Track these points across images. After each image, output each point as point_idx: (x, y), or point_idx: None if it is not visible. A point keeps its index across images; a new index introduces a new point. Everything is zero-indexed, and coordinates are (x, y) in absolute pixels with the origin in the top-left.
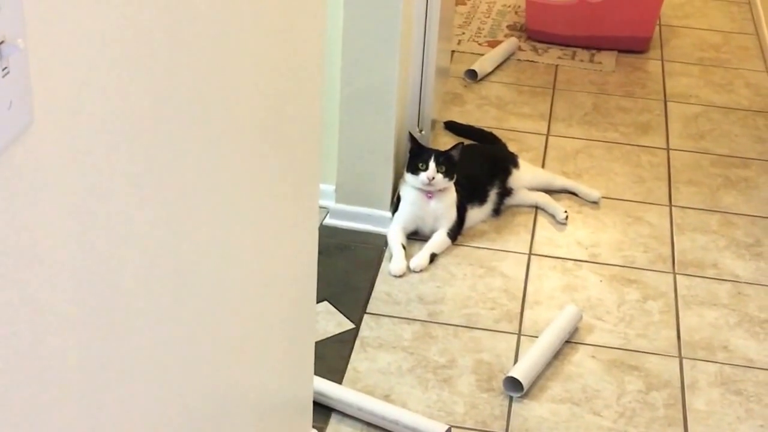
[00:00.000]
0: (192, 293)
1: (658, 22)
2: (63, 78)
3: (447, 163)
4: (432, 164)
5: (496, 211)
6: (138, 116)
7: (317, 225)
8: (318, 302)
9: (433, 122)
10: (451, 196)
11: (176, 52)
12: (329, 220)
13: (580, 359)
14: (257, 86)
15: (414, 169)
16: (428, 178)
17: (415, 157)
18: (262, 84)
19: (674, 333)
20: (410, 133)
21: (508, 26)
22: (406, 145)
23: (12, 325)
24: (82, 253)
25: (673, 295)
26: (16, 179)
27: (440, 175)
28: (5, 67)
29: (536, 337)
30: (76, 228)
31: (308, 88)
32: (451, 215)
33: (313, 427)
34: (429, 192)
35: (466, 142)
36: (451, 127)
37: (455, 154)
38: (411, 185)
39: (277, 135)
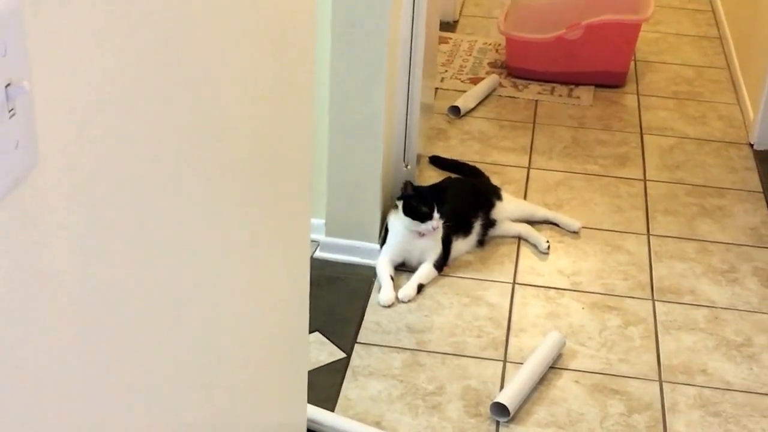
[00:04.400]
0: (188, 325)
1: (633, 58)
2: (66, 119)
3: (442, 207)
4: (436, 214)
5: (481, 242)
6: (136, 155)
7: (308, 258)
8: (310, 333)
9: (419, 157)
10: (439, 232)
11: (172, 92)
12: (319, 253)
13: (564, 384)
14: (250, 125)
15: (416, 216)
16: (433, 228)
17: (418, 204)
18: (254, 122)
19: (654, 357)
20: (410, 183)
21: (489, 63)
22: (394, 180)
23: (17, 361)
24: (84, 289)
25: (652, 320)
26: (22, 217)
27: (441, 221)
28: (12, 109)
29: (521, 363)
30: (78, 264)
31: (298, 126)
32: (437, 247)
33: None
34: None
35: (451, 176)
36: (436, 161)
37: (445, 194)
38: (410, 229)
39: (269, 172)
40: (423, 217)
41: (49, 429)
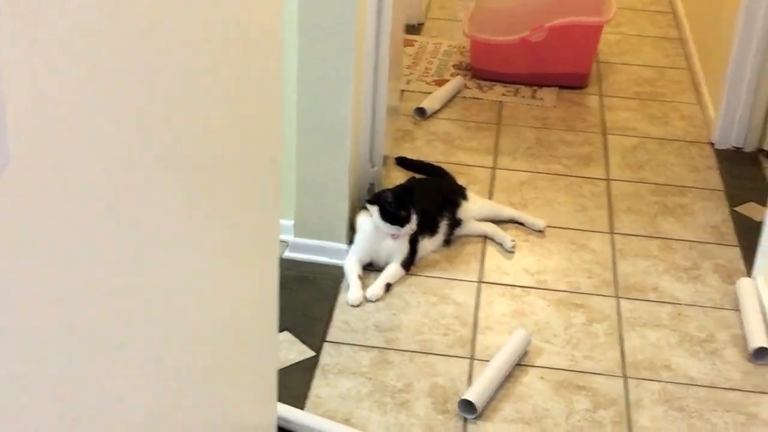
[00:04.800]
0: (157, 324)
1: (595, 59)
2: (38, 120)
3: (412, 208)
4: (414, 217)
5: (447, 242)
6: (108, 155)
7: (278, 258)
8: (280, 332)
9: (385, 158)
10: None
11: (143, 93)
12: (289, 254)
13: (530, 381)
14: (219, 127)
15: (394, 220)
16: (412, 230)
17: (396, 209)
18: (223, 125)
19: (619, 354)
20: (389, 191)
21: (454, 66)
22: (361, 181)
23: None
24: (53, 287)
25: (616, 317)
26: None
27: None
28: None
29: (488, 360)
30: (49, 262)
31: (267, 128)
32: (405, 247)
33: None
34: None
35: (416, 176)
36: (402, 162)
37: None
38: (388, 233)
39: (239, 174)
40: (402, 221)
41: (22, 421)
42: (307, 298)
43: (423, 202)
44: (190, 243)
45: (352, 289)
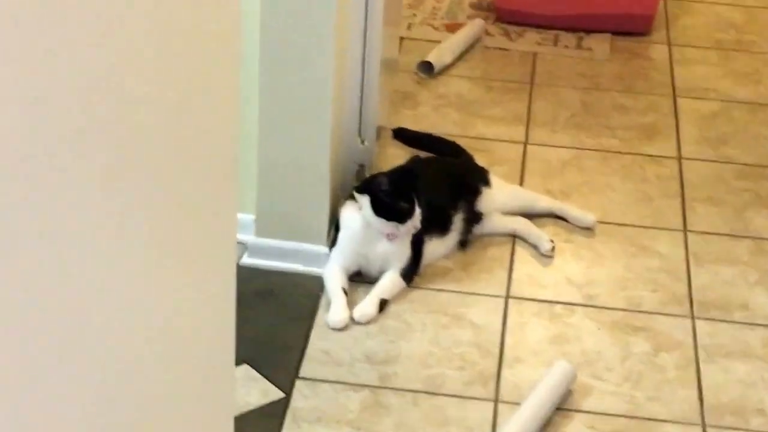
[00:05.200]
0: (72, 356)
1: None
2: None
3: (417, 199)
4: (418, 210)
5: (463, 243)
6: (44, 135)
7: (234, 266)
8: (237, 365)
9: (379, 130)
10: None
11: (50, 46)
12: (248, 259)
13: (576, 430)
14: (154, 93)
15: (392, 215)
16: (415, 228)
17: (394, 199)
18: (159, 91)
19: (695, 394)
20: (386, 175)
21: (470, 5)
22: (347, 161)
23: None
24: None
25: (692, 345)
26: None
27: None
28: None
29: (518, 403)
30: None
31: (220, 94)
32: (405, 251)
33: None
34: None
35: (421, 154)
36: (402, 135)
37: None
38: (384, 232)
39: (182, 156)
40: (401, 216)
41: None
42: (273, 320)
43: (430, 189)
44: (110, 244)
45: (335, 308)
